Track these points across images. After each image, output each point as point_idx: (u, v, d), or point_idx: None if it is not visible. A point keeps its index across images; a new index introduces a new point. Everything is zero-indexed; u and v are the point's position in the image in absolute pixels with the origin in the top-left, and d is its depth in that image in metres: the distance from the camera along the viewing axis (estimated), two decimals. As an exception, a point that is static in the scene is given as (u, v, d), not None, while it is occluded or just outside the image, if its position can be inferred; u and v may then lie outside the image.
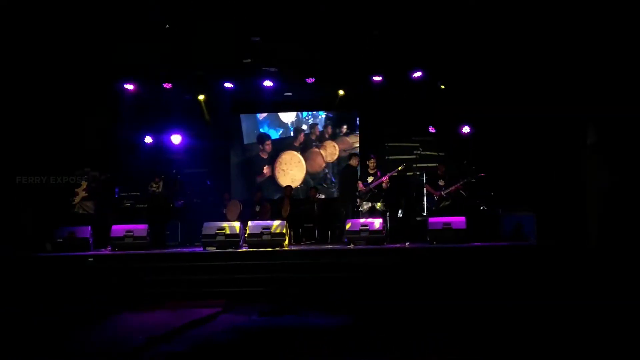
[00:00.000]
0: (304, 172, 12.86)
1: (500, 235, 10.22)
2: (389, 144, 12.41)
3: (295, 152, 12.92)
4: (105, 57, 10.03)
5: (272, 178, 12.89)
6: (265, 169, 12.87)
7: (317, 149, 12.90)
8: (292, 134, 12.96)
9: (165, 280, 8.10)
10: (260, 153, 12.96)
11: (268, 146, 12.95)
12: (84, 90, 10.88)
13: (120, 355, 5.20)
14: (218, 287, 7.86)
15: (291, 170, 12.86)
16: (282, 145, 12.98)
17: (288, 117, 13.05)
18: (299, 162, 12.89)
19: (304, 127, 12.99)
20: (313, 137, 12.92)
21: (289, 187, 11.99)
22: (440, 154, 12.04)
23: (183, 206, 11.47)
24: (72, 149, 10.96)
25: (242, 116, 12.96)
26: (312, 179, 12.77)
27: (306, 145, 12.93)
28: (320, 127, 12.94)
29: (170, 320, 6.36)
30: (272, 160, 12.96)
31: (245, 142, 12.95)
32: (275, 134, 13.00)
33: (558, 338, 5.51)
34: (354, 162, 10.64)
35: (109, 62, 10.25)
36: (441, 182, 10.48)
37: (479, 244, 9.14)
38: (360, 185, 10.13)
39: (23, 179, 10.21)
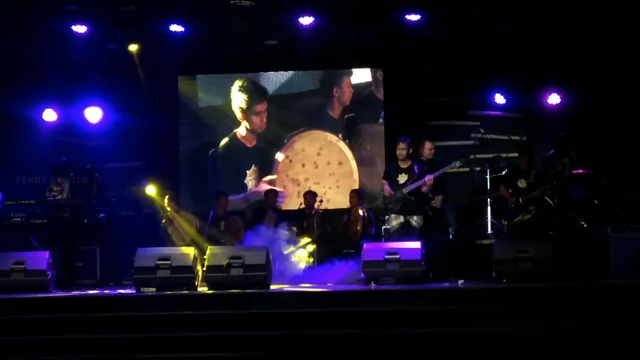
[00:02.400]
0: (355, 182, 11.19)
1: (609, 269, 10.26)
2: (432, 123, 12.43)
3: (329, 135, 11.54)
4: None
5: (271, 197, 11.39)
6: (253, 178, 11.79)
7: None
8: (319, 85, 11.02)
9: (74, 342, 8.04)
10: (239, 135, 11.80)
11: (258, 118, 11.47)
12: None
13: None
14: (159, 351, 7.87)
15: (318, 182, 11.18)
16: (295, 111, 11.48)
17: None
18: (341, 161, 11.24)
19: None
20: (379, 95, 10.96)
21: (272, 191, 12.00)
22: (514, 138, 12.03)
23: (105, 222, 11.48)
24: None
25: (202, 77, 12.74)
26: (374, 201, 11.16)
27: (362, 112, 11.16)
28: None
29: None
30: (268, 149, 12.02)
31: (203, 104, 12.02)
32: (279, 88, 10.98)
33: None
34: (400, 151, 10.20)
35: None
36: (522, 183, 10.42)
37: (575, 283, 9.11)
38: (386, 187, 10.13)
39: None
